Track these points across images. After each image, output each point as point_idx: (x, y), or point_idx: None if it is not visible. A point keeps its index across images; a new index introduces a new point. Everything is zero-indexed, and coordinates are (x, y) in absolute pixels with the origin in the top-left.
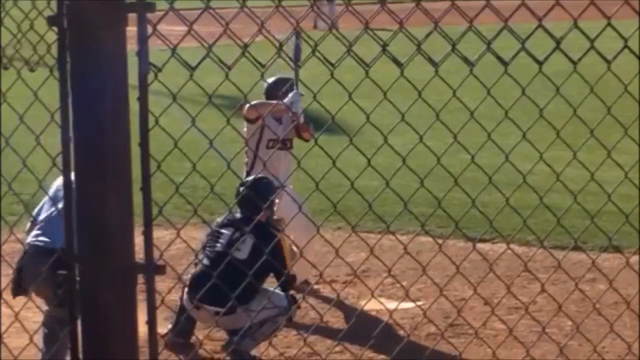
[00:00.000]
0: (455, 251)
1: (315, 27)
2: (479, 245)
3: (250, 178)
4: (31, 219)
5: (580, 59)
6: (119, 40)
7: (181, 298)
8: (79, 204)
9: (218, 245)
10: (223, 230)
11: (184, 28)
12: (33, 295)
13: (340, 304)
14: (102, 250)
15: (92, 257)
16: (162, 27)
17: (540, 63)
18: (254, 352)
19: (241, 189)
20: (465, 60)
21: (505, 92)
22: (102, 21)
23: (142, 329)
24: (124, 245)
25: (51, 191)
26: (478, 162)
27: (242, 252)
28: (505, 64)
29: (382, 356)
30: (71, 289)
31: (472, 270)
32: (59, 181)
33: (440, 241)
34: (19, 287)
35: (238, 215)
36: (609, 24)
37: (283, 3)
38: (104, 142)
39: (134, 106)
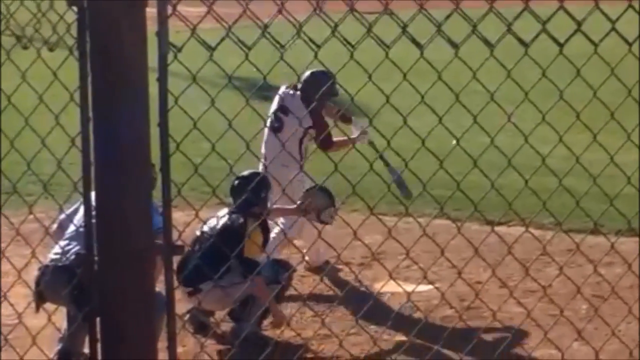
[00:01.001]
0: (471, 234)
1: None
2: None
3: (246, 172)
4: (60, 218)
5: (601, 41)
6: (138, 20)
7: None
8: (97, 186)
9: (200, 231)
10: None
11: (202, 9)
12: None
13: (356, 286)
14: (121, 231)
15: (111, 238)
16: (180, 9)
17: (561, 45)
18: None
19: (236, 182)
20: (486, 42)
21: (522, 75)
22: (121, 1)
23: None
24: (142, 226)
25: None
26: (496, 145)
27: (212, 233)
28: (525, 45)
29: (398, 338)
30: (90, 268)
31: (488, 253)
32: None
33: (457, 224)
34: (41, 301)
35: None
36: (630, 6)
37: None
38: (122, 121)
39: (153, 88)
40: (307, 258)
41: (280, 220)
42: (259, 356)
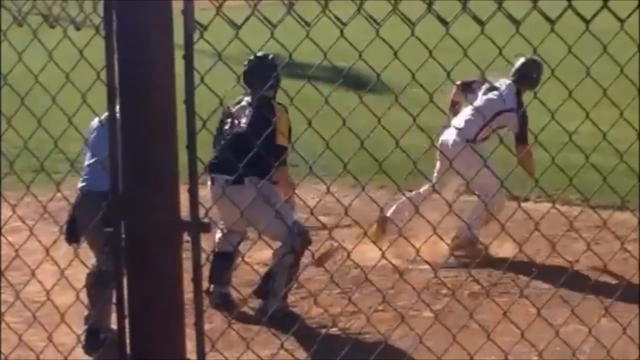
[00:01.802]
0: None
1: None
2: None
3: (253, 56)
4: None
5: (628, 17)
6: None
7: (214, 243)
8: (124, 160)
9: (226, 126)
10: (232, 110)
11: None
12: (79, 251)
13: (383, 263)
14: (148, 206)
15: (139, 213)
16: None
17: (587, 21)
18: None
19: (247, 65)
20: (512, 18)
21: (548, 51)
22: None
23: (187, 287)
24: (170, 201)
25: (88, 135)
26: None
27: (241, 126)
28: (552, 22)
29: (426, 314)
30: (117, 245)
31: (515, 229)
32: (93, 124)
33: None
34: (73, 233)
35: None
36: None
37: None
38: (149, 97)
39: (178, 66)
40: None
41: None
42: (286, 332)
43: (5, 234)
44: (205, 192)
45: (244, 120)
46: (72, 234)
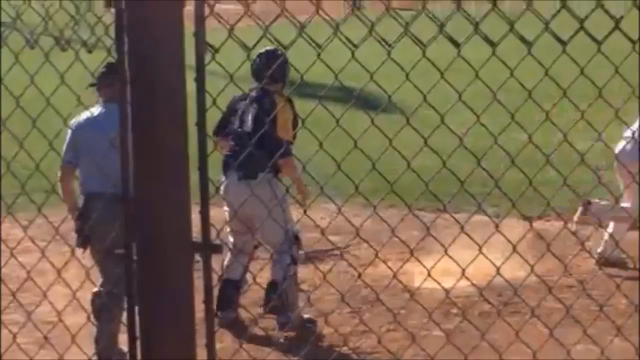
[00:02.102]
0: (508, 230)
1: (358, 8)
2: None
3: (264, 49)
4: (65, 161)
5: None
6: (175, 20)
7: (222, 267)
8: (136, 183)
9: (235, 121)
10: (238, 105)
11: (237, 7)
12: (90, 272)
13: (394, 283)
14: (160, 227)
15: (150, 235)
16: (215, 6)
17: (599, 43)
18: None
19: (257, 59)
20: (523, 39)
21: (559, 71)
22: (159, 2)
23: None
24: (181, 223)
25: (76, 131)
26: (532, 141)
27: (248, 123)
28: (563, 44)
29: (437, 333)
30: (129, 266)
31: (526, 248)
32: (81, 117)
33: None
34: (83, 237)
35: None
36: None
37: None
38: (159, 120)
39: (190, 87)
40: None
41: None
42: (297, 352)
43: (17, 255)
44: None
45: (250, 118)
46: (83, 240)
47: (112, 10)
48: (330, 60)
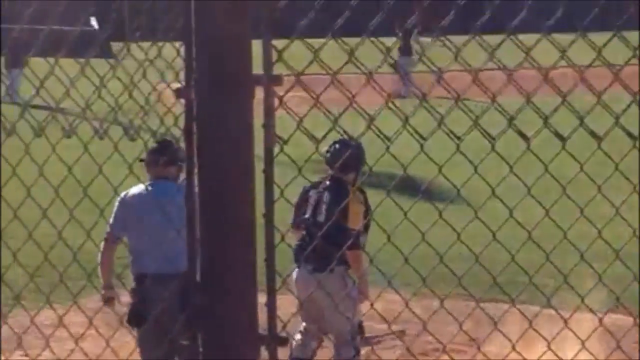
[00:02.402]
0: (576, 324)
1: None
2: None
3: (338, 138)
4: (108, 232)
5: None
6: (245, 111)
7: (290, 345)
8: (202, 273)
9: (308, 211)
10: (310, 193)
11: (302, 93)
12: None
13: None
14: (227, 319)
15: (217, 326)
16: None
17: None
18: None
19: (332, 147)
20: (593, 134)
21: (628, 165)
22: (229, 93)
23: None
24: (248, 314)
25: (135, 206)
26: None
27: (322, 214)
28: (634, 138)
29: None
30: (195, 356)
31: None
32: (135, 190)
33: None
34: (140, 318)
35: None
36: None
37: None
38: (228, 210)
39: (258, 177)
40: None
41: None
42: None
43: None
44: (280, 302)
45: (324, 208)
46: (139, 319)
47: (182, 101)
48: (397, 150)
